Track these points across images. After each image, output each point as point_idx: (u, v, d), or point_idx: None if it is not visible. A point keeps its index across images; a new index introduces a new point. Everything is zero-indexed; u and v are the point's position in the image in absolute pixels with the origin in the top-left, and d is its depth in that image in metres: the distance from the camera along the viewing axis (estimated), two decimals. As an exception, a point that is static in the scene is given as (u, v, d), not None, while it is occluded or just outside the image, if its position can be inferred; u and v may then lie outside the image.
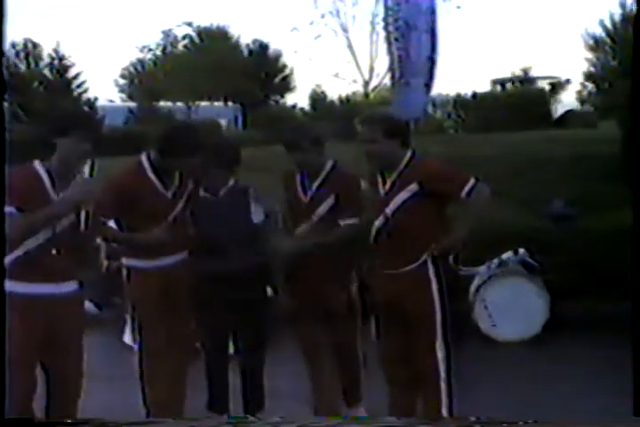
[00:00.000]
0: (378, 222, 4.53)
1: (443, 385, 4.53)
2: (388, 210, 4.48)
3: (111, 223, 4.87)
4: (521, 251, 7.83)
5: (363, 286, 5.03)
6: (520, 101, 28.77)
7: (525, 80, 33.29)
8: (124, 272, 5.06)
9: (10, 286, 4.03)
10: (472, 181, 4.44)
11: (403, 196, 4.45)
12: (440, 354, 4.51)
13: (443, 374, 4.53)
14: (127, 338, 7.09)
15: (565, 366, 6.64)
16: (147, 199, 4.91)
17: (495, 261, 7.80)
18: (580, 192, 9.41)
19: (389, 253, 4.53)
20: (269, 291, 5.32)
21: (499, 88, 29.04)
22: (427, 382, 4.57)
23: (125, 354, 5.50)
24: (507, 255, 7.82)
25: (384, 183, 4.56)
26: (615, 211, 7.23)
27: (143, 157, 5.00)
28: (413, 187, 4.44)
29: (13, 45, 42.18)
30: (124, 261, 5.08)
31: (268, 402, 5.20)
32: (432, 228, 4.46)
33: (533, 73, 42.51)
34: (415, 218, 4.45)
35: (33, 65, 42.91)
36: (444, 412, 4.51)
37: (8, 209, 3.98)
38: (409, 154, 4.56)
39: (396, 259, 4.50)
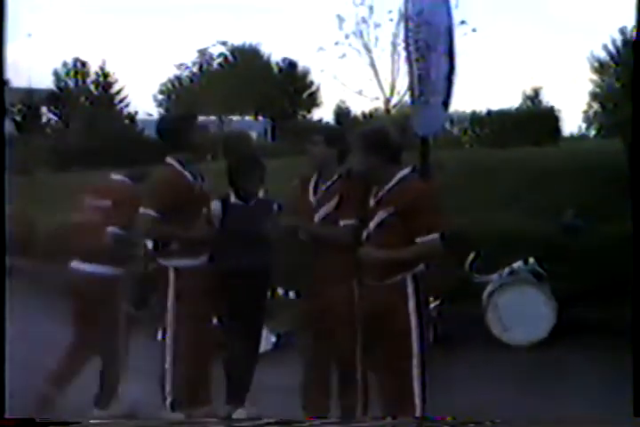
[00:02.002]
0: (364, 233, 4.35)
1: (417, 401, 4.19)
2: (372, 223, 4.30)
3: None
4: (531, 260, 7.80)
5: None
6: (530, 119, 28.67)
7: None
8: (171, 272, 4.87)
9: None
10: (435, 236, 4.16)
11: (381, 215, 4.26)
12: (415, 371, 4.18)
13: (417, 391, 4.19)
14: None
15: (566, 367, 6.55)
16: (185, 191, 4.88)
17: (507, 269, 7.78)
18: (588, 203, 9.27)
19: (370, 264, 4.31)
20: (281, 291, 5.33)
21: None
22: (400, 399, 4.24)
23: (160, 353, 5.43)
24: (517, 264, 7.79)
25: (375, 195, 4.35)
26: (620, 221, 7.13)
27: (167, 158, 4.95)
28: (391, 209, 4.22)
29: (65, 64, 42.88)
30: (165, 262, 4.92)
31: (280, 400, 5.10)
32: (409, 245, 4.20)
33: (544, 93, 42.08)
34: (392, 235, 4.23)
35: (81, 82, 43.30)
36: None
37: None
38: (405, 171, 4.32)
39: (375, 271, 4.28)
